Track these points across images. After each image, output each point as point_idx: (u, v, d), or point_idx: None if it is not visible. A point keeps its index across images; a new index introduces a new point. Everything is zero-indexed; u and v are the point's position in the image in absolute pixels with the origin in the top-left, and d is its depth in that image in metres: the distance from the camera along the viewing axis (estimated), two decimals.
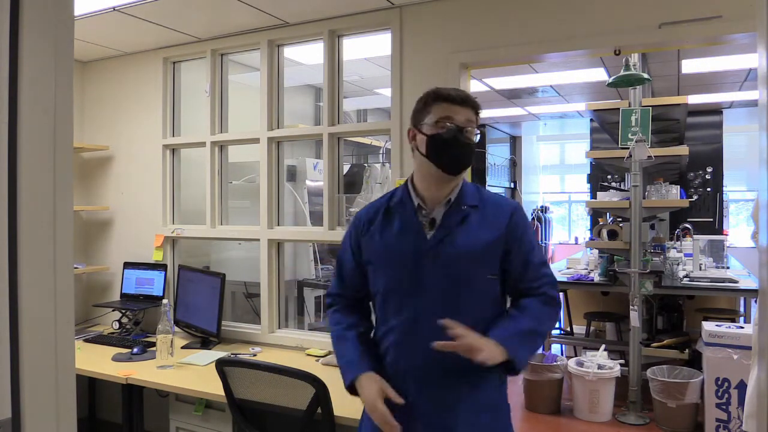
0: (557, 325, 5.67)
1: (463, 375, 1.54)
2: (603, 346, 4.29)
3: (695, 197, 7.46)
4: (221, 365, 2.19)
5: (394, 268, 1.59)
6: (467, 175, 2.86)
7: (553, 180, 11.19)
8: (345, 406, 2.11)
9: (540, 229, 9.93)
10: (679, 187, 4.89)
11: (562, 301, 1.71)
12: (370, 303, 1.75)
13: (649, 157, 4.05)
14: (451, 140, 1.54)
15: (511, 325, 1.54)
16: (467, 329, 1.46)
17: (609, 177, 7.28)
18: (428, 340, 1.48)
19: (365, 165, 4.35)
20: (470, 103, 1.58)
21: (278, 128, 3.28)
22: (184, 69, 3.65)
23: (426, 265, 1.55)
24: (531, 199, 10.54)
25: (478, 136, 1.60)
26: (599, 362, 4.07)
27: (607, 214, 5.11)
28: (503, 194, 9.90)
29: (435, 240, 1.56)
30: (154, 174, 3.60)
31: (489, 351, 1.44)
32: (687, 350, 4.26)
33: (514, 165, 10.27)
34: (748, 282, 4.48)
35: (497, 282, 1.60)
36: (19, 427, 0.88)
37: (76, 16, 2.45)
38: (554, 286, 1.63)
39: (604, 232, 4.56)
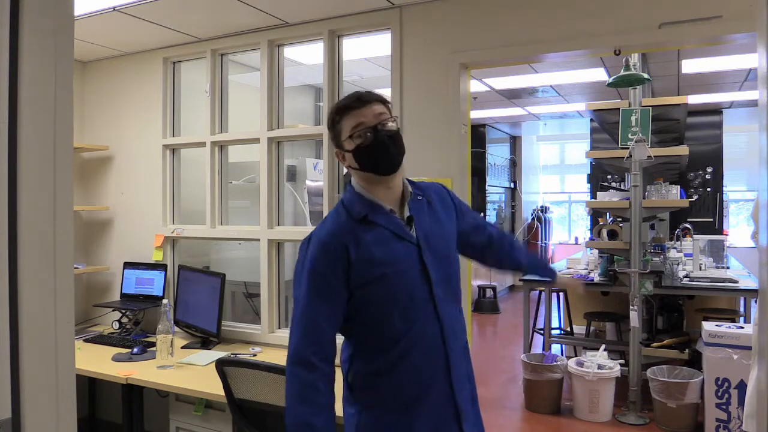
0: (558, 325, 5.68)
1: (466, 345, 1.69)
2: (603, 346, 4.29)
3: (695, 197, 7.47)
4: (221, 365, 2.19)
5: (406, 274, 1.55)
6: (467, 176, 2.87)
7: (553, 180, 11.19)
8: None
9: (540, 229, 9.94)
10: (679, 187, 4.90)
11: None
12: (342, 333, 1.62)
13: (649, 157, 4.06)
14: (373, 143, 1.53)
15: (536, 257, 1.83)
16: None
17: (609, 177, 7.28)
18: (449, 327, 1.59)
19: None
20: (370, 98, 1.56)
21: (278, 128, 3.28)
22: (184, 69, 3.65)
23: (427, 259, 1.57)
24: (531, 199, 10.54)
25: (395, 122, 1.58)
26: (599, 362, 4.08)
27: (607, 214, 5.11)
28: (503, 194, 9.92)
29: (421, 233, 1.59)
30: (154, 174, 3.60)
31: None
32: (687, 350, 4.26)
33: (514, 165, 10.28)
34: (748, 282, 4.48)
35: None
36: (19, 427, 0.88)
37: (76, 16, 2.45)
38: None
39: (604, 232, 4.56)
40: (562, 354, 5.17)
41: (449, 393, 1.58)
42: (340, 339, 1.61)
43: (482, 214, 8.88)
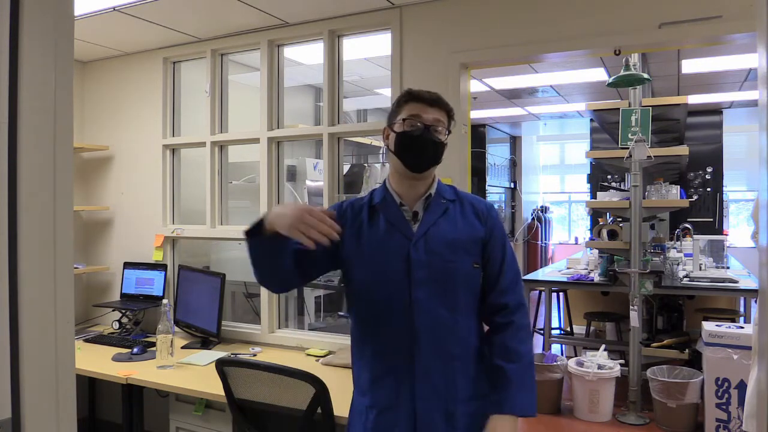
0: (558, 325, 5.68)
1: (459, 359, 1.61)
2: (603, 346, 4.28)
3: (695, 197, 7.46)
4: (221, 365, 2.19)
5: (383, 262, 1.59)
6: (467, 176, 2.87)
7: (553, 180, 11.19)
8: (345, 406, 2.11)
9: (540, 229, 9.93)
10: (679, 187, 4.88)
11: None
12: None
13: (649, 157, 4.05)
14: (417, 137, 1.58)
15: (515, 392, 1.58)
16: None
17: (609, 177, 7.28)
18: (425, 330, 1.56)
19: (365, 165, 4.35)
20: (441, 104, 1.62)
21: (278, 128, 3.28)
22: (184, 69, 3.65)
23: (417, 256, 1.57)
24: (531, 199, 10.54)
25: (447, 136, 1.63)
26: (599, 362, 4.07)
27: (607, 214, 5.10)
28: (503, 194, 9.92)
29: (422, 230, 1.60)
30: (154, 174, 3.60)
31: None
32: (687, 350, 4.26)
33: (514, 165, 10.27)
34: (748, 282, 4.48)
35: (480, 272, 1.65)
36: (19, 427, 0.88)
37: (76, 16, 2.44)
38: (526, 313, 1.71)
39: (604, 232, 4.55)
40: (562, 354, 5.16)
41: (409, 398, 1.56)
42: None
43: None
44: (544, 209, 10.21)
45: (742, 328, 3.65)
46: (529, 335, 1.69)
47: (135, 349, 2.97)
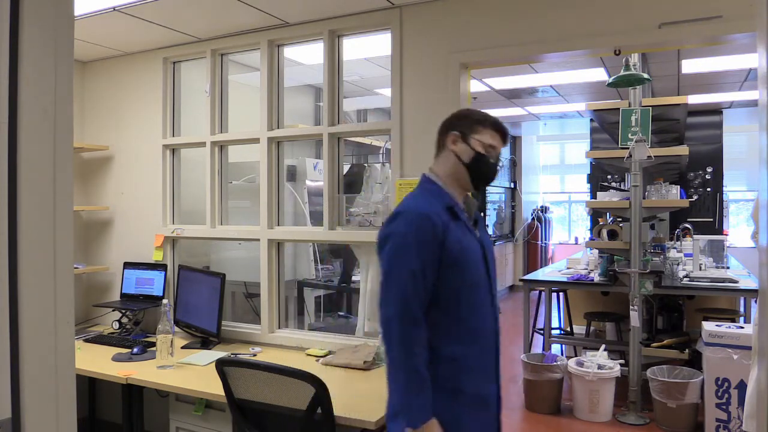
0: (558, 325, 5.68)
1: None
2: (603, 346, 4.29)
3: (695, 197, 7.46)
4: (221, 365, 2.19)
5: (474, 265, 1.72)
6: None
7: (553, 180, 11.19)
8: (345, 406, 2.11)
9: (540, 229, 9.94)
10: (679, 187, 4.89)
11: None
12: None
13: (649, 157, 4.06)
14: (493, 165, 1.78)
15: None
16: None
17: (609, 177, 7.28)
18: (494, 330, 1.77)
19: (365, 165, 4.35)
20: (507, 141, 1.84)
21: (278, 128, 3.28)
22: (184, 69, 3.65)
23: (489, 259, 1.78)
24: (531, 199, 10.55)
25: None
26: (599, 362, 4.08)
27: (607, 214, 5.11)
28: (503, 194, 9.93)
29: (480, 237, 1.79)
30: (154, 174, 3.60)
31: None
32: (687, 350, 4.26)
33: (514, 165, 10.27)
34: (748, 282, 4.48)
35: None
36: (19, 427, 0.88)
37: (76, 16, 2.45)
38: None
39: (604, 232, 4.56)
40: (562, 354, 5.16)
41: (495, 380, 1.77)
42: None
43: (483, 214, 8.85)
44: (544, 209, 10.21)
45: (742, 328, 3.65)
46: None
47: (135, 349, 2.97)
